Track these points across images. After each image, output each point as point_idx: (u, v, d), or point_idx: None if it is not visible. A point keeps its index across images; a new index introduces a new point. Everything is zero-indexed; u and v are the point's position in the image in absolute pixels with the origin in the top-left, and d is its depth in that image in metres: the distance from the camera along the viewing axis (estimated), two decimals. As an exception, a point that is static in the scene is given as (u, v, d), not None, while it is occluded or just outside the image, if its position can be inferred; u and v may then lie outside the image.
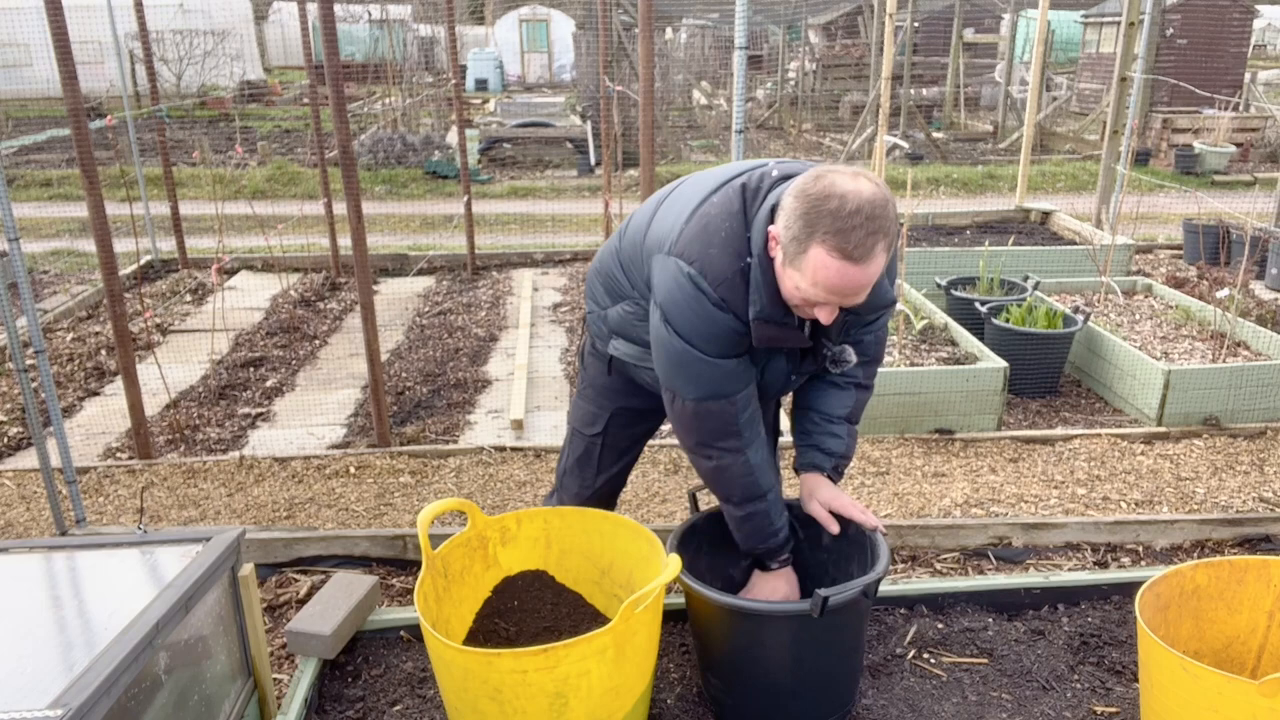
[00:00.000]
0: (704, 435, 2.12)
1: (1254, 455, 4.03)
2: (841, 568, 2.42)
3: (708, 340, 2.01)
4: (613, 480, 2.58)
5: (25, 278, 3.16)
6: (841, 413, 2.30)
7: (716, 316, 1.98)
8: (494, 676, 1.92)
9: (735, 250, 1.97)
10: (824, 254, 1.79)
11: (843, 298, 1.87)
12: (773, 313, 1.97)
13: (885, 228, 1.80)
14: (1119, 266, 6.09)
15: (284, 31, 26.87)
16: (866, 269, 1.81)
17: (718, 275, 1.96)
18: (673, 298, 2.01)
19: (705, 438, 2.13)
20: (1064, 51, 21.13)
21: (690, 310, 1.99)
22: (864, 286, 1.85)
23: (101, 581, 2.05)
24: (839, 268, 1.80)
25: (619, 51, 11.65)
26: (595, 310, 2.40)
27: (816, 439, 2.30)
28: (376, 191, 10.95)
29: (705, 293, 1.97)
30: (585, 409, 2.52)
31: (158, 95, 6.97)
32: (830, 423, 2.30)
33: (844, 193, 1.79)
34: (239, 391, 4.93)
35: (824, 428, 2.30)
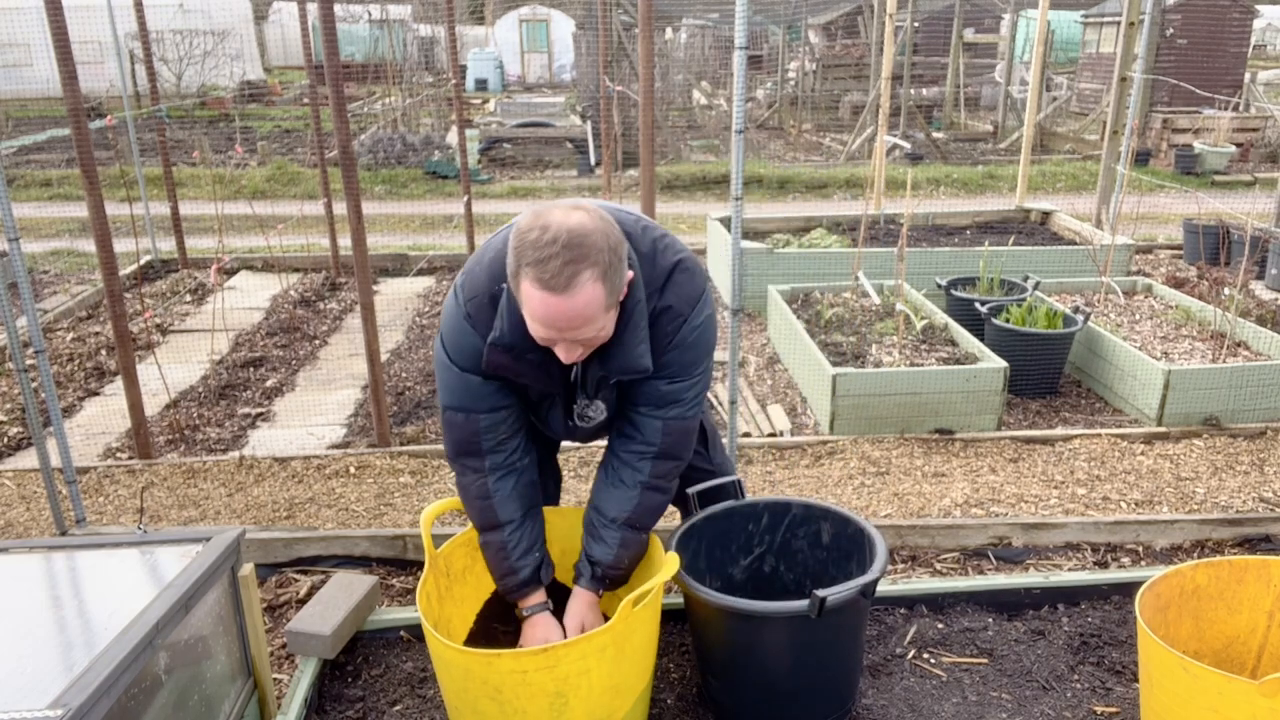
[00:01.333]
0: (451, 447, 2.17)
1: (1254, 455, 4.03)
2: (841, 566, 2.42)
3: (457, 350, 2.06)
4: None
5: (25, 278, 3.16)
6: (617, 515, 2.17)
7: (465, 330, 2.03)
8: (494, 676, 1.92)
9: (493, 275, 1.98)
10: (528, 286, 1.78)
11: (561, 332, 1.82)
12: (511, 341, 1.95)
13: (587, 256, 1.75)
14: (1119, 266, 6.09)
15: (284, 31, 26.88)
16: (571, 299, 1.76)
17: (470, 292, 2.02)
18: (445, 307, 2.11)
19: (452, 450, 2.17)
20: (1064, 51, 21.13)
21: (449, 318, 2.07)
22: (579, 319, 1.80)
23: (101, 581, 2.05)
24: (541, 298, 1.77)
25: (619, 51, 11.65)
26: None
27: (587, 542, 2.23)
28: (376, 191, 10.95)
29: (459, 303, 2.03)
30: None
31: (158, 95, 6.97)
32: (603, 525, 2.19)
33: (546, 224, 1.77)
34: (239, 391, 4.93)
35: (596, 530, 2.21)
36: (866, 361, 4.54)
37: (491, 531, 2.18)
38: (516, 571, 2.19)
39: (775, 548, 2.50)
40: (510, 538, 2.18)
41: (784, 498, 2.55)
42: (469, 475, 2.16)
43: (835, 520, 2.44)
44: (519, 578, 2.20)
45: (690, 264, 2.06)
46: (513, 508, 2.17)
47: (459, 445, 2.14)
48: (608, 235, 1.80)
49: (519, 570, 2.19)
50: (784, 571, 2.52)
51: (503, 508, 2.16)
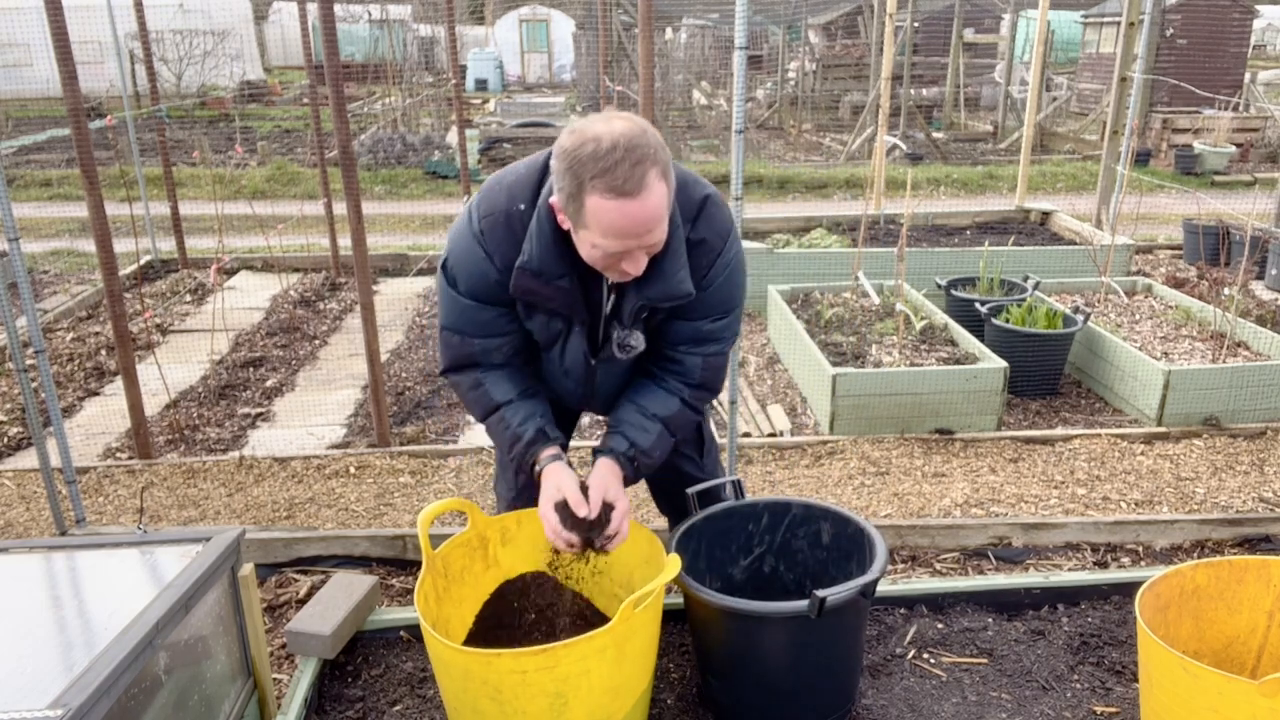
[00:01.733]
0: (445, 363, 2.18)
1: (1254, 455, 4.03)
2: (841, 567, 2.42)
3: (462, 272, 2.03)
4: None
5: (25, 278, 3.16)
6: (660, 412, 2.17)
7: (473, 251, 2.00)
8: (494, 677, 1.92)
9: (514, 194, 1.97)
10: (599, 200, 1.74)
11: (638, 239, 1.81)
12: (540, 266, 1.92)
13: (649, 155, 1.75)
14: (1119, 267, 6.09)
15: (284, 31, 26.88)
16: (645, 201, 1.75)
17: (486, 209, 1.98)
18: (454, 224, 2.08)
19: (446, 365, 2.19)
20: (1064, 51, 21.13)
21: (456, 238, 2.04)
22: (652, 220, 1.79)
23: (101, 581, 2.05)
24: (617, 207, 1.75)
25: (619, 51, 11.65)
26: None
27: (625, 427, 2.18)
28: (376, 191, 10.95)
29: (471, 222, 2.00)
30: None
31: (158, 95, 6.97)
32: (645, 416, 2.17)
33: (598, 134, 1.75)
34: (239, 391, 4.93)
35: (636, 419, 2.18)
36: (866, 361, 4.54)
37: (491, 414, 2.19)
38: (520, 436, 2.15)
39: (775, 548, 2.50)
40: (508, 411, 2.17)
41: (784, 498, 2.55)
42: (462, 376, 2.18)
43: (835, 520, 2.44)
44: (524, 439, 2.15)
45: (718, 199, 2.06)
46: (506, 388, 2.17)
47: (453, 360, 2.16)
48: (654, 134, 1.80)
49: (523, 434, 2.15)
50: (784, 572, 2.52)
51: (496, 390, 2.16)
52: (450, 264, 2.05)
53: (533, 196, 1.95)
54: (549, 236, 1.91)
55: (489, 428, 2.23)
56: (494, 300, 2.05)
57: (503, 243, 1.96)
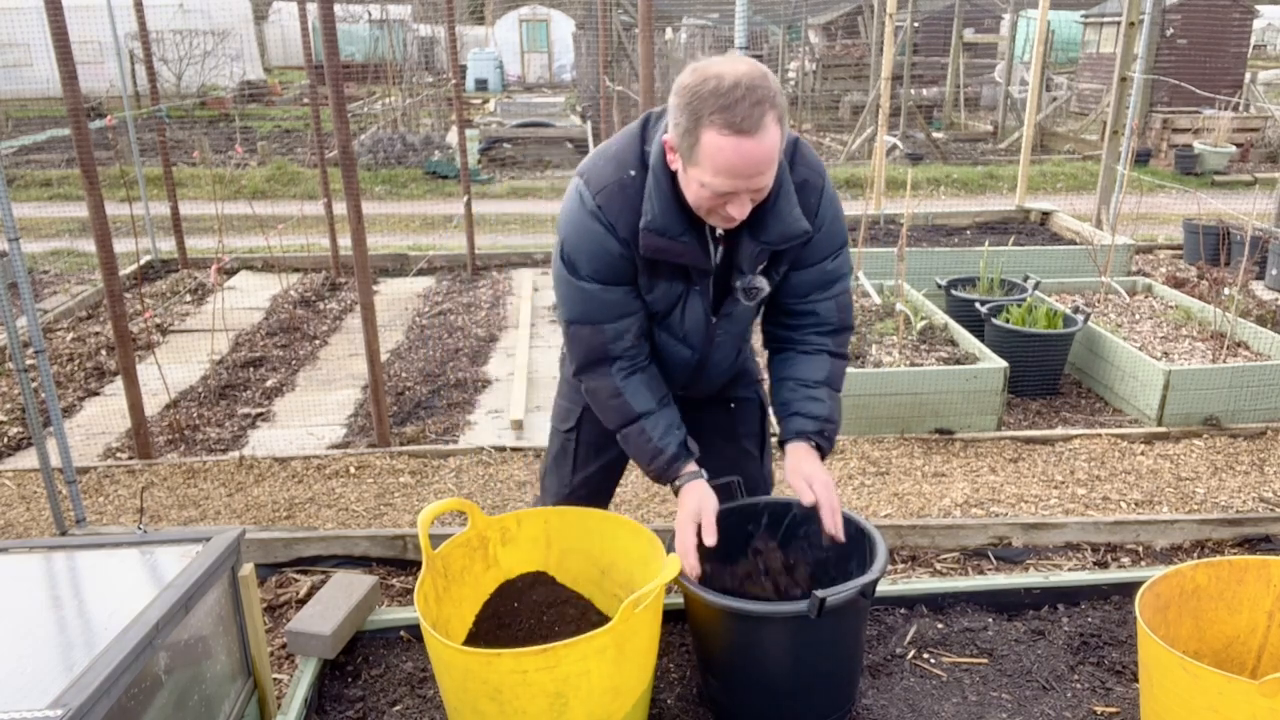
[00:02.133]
0: (578, 360, 2.16)
1: (1254, 455, 4.03)
2: (841, 567, 2.42)
3: (583, 255, 2.02)
4: (591, 481, 2.52)
5: (25, 278, 3.16)
6: (818, 377, 2.22)
7: (592, 229, 1.99)
8: (494, 676, 1.92)
9: (621, 162, 1.98)
10: (715, 135, 1.76)
11: (748, 180, 1.81)
12: (664, 224, 1.94)
13: (769, 97, 1.77)
14: (1119, 266, 6.09)
15: (284, 31, 26.88)
16: (761, 142, 1.77)
17: (599, 183, 1.98)
18: (563, 210, 2.05)
19: (579, 363, 2.16)
20: (1064, 51, 21.13)
21: (571, 222, 2.02)
22: (765, 162, 1.81)
23: (101, 581, 2.05)
24: (733, 144, 1.76)
25: (619, 51, 11.65)
26: None
27: (797, 405, 2.23)
28: (376, 191, 10.95)
29: (585, 201, 1.99)
30: (560, 404, 2.52)
31: (158, 95, 6.97)
32: (808, 388, 2.22)
33: (720, 73, 1.77)
34: (239, 391, 4.93)
35: (802, 393, 2.23)
36: (866, 361, 4.54)
37: (629, 425, 2.17)
38: (663, 450, 2.16)
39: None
40: (648, 423, 2.16)
41: (784, 498, 2.54)
42: (597, 380, 2.15)
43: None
44: (667, 454, 2.16)
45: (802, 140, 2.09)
46: (645, 398, 2.16)
47: (586, 356, 2.13)
48: (774, 79, 1.81)
49: (665, 448, 2.16)
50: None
51: (635, 400, 2.15)
52: (568, 250, 2.04)
53: (640, 161, 1.98)
54: (667, 193, 1.93)
55: (625, 437, 2.21)
56: (618, 278, 2.05)
57: (622, 211, 1.97)
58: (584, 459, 2.48)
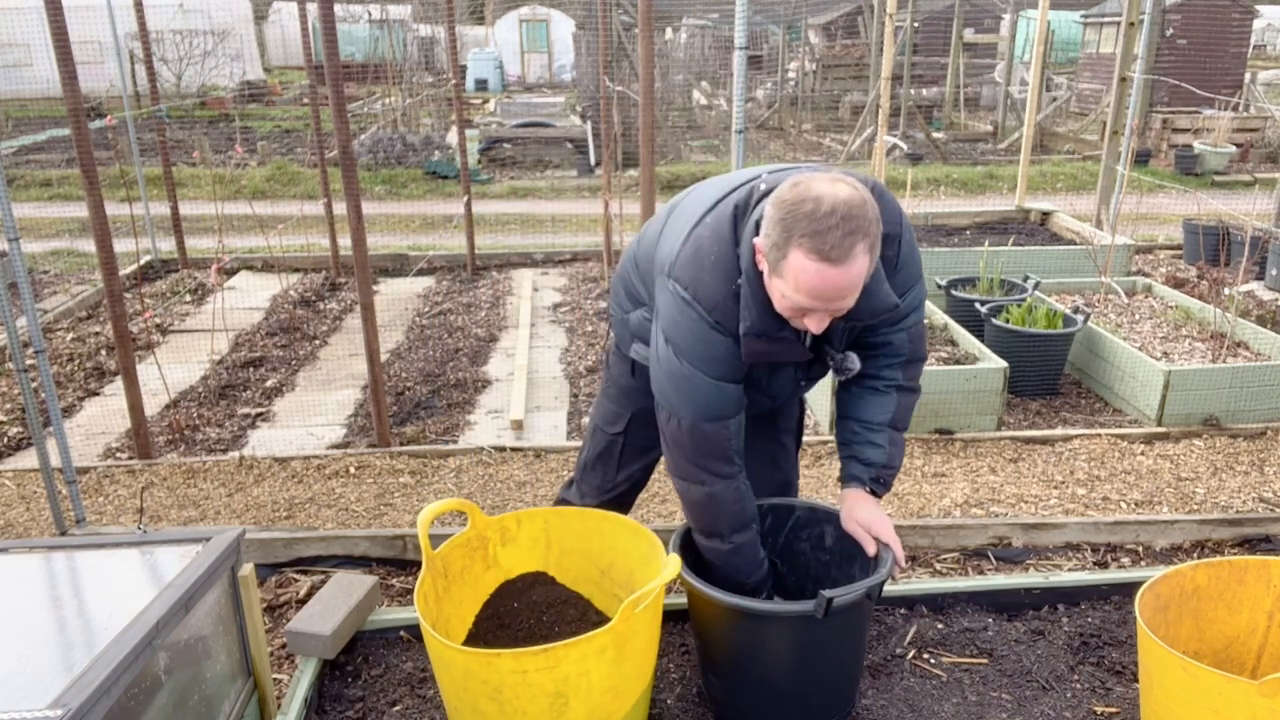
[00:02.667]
0: (699, 458, 2.12)
1: (1254, 455, 4.03)
2: (844, 569, 2.42)
3: (708, 361, 2.03)
4: (634, 477, 2.59)
5: (25, 278, 3.16)
6: (881, 419, 2.26)
7: (714, 338, 2.01)
8: (494, 677, 1.92)
9: (725, 273, 1.99)
10: (802, 257, 1.79)
11: (828, 302, 1.85)
12: (763, 327, 1.97)
13: (863, 228, 1.79)
14: (1119, 267, 6.09)
15: (284, 31, 26.87)
16: (847, 270, 1.80)
17: (711, 299, 1.99)
18: (673, 320, 2.04)
19: (699, 460, 2.13)
20: (1064, 51, 21.13)
21: (690, 333, 2.02)
22: (848, 289, 1.84)
23: (101, 581, 2.05)
24: (818, 270, 1.79)
25: (619, 51, 11.65)
26: (618, 313, 2.44)
27: (855, 449, 2.29)
28: (376, 191, 10.95)
29: (702, 316, 2.00)
30: (608, 407, 2.56)
31: (158, 95, 6.97)
32: (870, 431, 2.26)
33: (819, 195, 1.79)
34: (239, 391, 4.93)
35: (863, 436, 2.27)
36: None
37: (742, 531, 2.19)
38: (763, 562, 2.24)
39: (779, 549, 2.50)
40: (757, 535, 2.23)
41: (788, 500, 2.54)
42: (719, 484, 2.13)
43: (838, 523, 2.43)
44: (765, 568, 2.26)
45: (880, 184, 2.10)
46: (752, 497, 2.20)
47: (709, 454, 2.11)
48: (873, 206, 1.83)
49: (764, 560, 2.25)
50: (786, 574, 2.51)
51: (750, 504, 2.19)
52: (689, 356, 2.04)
53: (738, 268, 1.98)
54: (762, 299, 1.95)
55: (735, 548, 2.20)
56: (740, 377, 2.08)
57: (735, 320, 1.99)
58: (628, 459, 2.55)
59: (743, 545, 2.19)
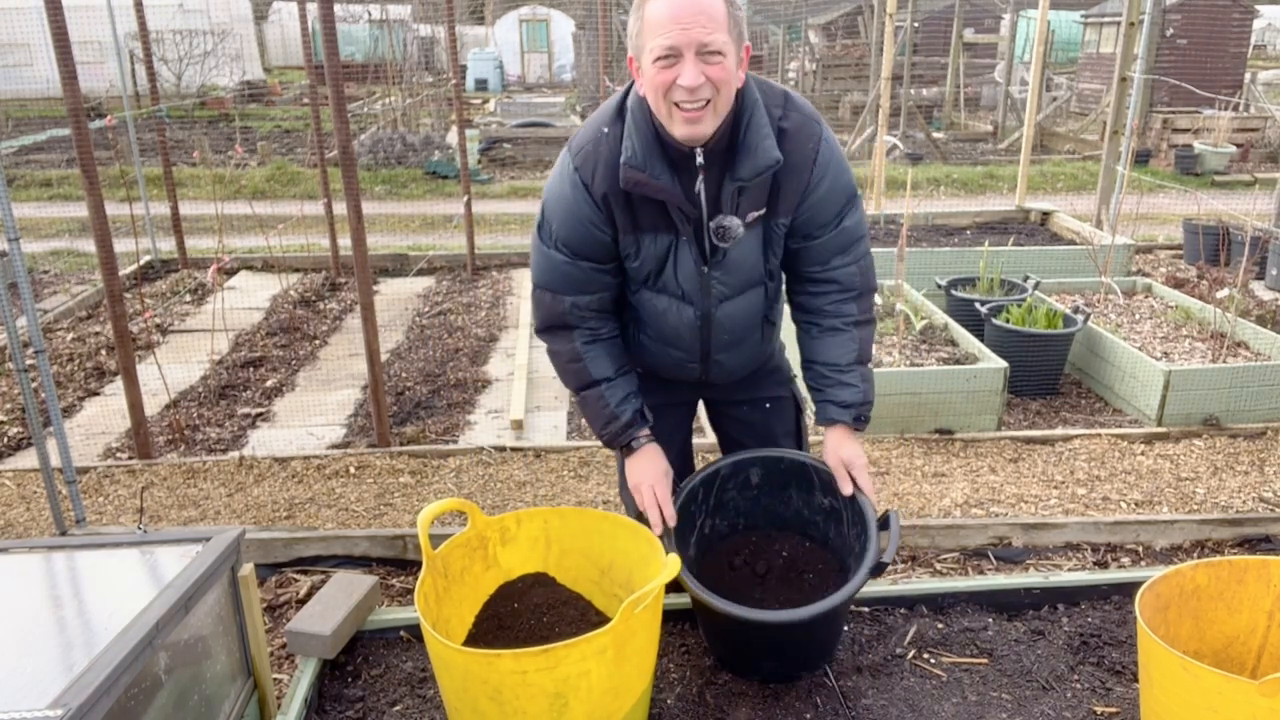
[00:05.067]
0: (539, 321, 2.26)
1: (1254, 455, 4.03)
2: (834, 523, 2.46)
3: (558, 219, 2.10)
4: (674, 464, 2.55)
5: (25, 278, 3.16)
6: (848, 359, 2.26)
7: (568, 192, 2.07)
8: (494, 677, 1.92)
9: (598, 122, 2.08)
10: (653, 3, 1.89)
11: (687, 30, 1.86)
12: (644, 159, 1.99)
13: None
14: (1119, 267, 6.09)
15: (284, 31, 26.88)
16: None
17: (579, 145, 2.08)
18: (554, 174, 2.13)
19: (539, 324, 2.26)
20: (1064, 51, 21.13)
21: (557, 183, 2.11)
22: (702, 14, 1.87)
23: (101, 581, 2.05)
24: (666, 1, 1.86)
25: (619, 51, 11.65)
26: None
27: (829, 393, 2.28)
28: (376, 191, 10.95)
29: (564, 166, 2.09)
30: None
31: (158, 95, 6.97)
32: (839, 373, 2.26)
33: None
34: (239, 391, 4.93)
35: (833, 379, 2.27)
36: (866, 361, 4.54)
37: (588, 389, 2.26)
38: (618, 416, 2.26)
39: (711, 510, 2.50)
40: (606, 390, 2.25)
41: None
42: (558, 342, 2.25)
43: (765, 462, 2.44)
44: (622, 420, 2.26)
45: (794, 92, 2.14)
46: (604, 365, 2.25)
47: (546, 320, 2.24)
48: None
49: (620, 414, 2.26)
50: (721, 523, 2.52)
51: (595, 366, 2.24)
52: (546, 214, 2.14)
53: (617, 115, 2.05)
54: (647, 133, 2.00)
55: (582, 400, 2.30)
56: (587, 252, 2.12)
57: (598, 166, 2.05)
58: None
59: (586, 398, 2.27)
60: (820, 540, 2.50)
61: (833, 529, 2.47)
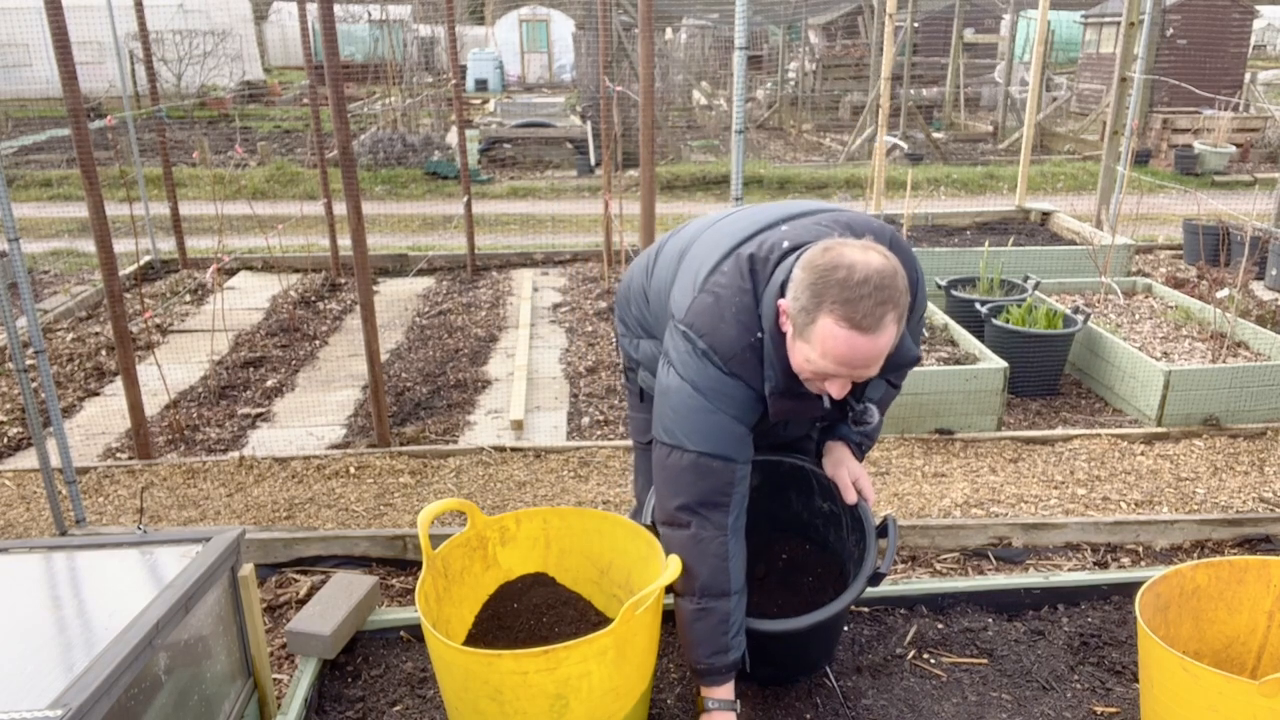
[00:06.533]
0: (694, 496, 2.00)
1: (1254, 455, 4.03)
2: (833, 525, 2.47)
3: (727, 401, 1.99)
4: None
5: (25, 278, 3.16)
6: (873, 395, 2.29)
7: (730, 384, 1.98)
8: (495, 677, 1.92)
9: (744, 325, 1.96)
10: (832, 324, 1.77)
11: (852, 369, 1.84)
12: (788, 386, 1.96)
13: (894, 298, 1.78)
14: (1119, 267, 6.09)
15: (284, 31, 26.89)
16: (876, 340, 1.79)
17: (728, 351, 1.96)
18: (686, 364, 2.00)
19: (694, 499, 2.01)
20: (1064, 51, 21.13)
21: (709, 380, 1.98)
22: (875, 358, 1.83)
23: (101, 581, 2.05)
24: (847, 338, 1.78)
25: (619, 51, 11.65)
26: (626, 335, 2.44)
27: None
28: (376, 192, 10.95)
29: (718, 366, 1.97)
30: (636, 418, 2.58)
31: (158, 95, 6.97)
32: (858, 401, 2.26)
33: (852, 263, 1.77)
34: (239, 391, 4.93)
35: (851, 405, 2.27)
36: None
37: (719, 599, 2.03)
38: (728, 650, 2.07)
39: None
40: (734, 608, 2.05)
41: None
42: (708, 530, 2.00)
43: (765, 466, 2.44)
44: (729, 658, 2.07)
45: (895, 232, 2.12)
46: (741, 574, 2.06)
47: (707, 494, 2.00)
48: (903, 276, 1.83)
49: (731, 649, 2.07)
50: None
51: (736, 572, 2.04)
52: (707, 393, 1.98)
53: (759, 321, 1.97)
54: (785, 359, 1.94)
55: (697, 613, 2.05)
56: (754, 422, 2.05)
57: (758, 372, 1.98)
58: None
59: (710, 611, 2.02)
60: (820, 543, 2.50)
61: (832, 533, 2.47)
